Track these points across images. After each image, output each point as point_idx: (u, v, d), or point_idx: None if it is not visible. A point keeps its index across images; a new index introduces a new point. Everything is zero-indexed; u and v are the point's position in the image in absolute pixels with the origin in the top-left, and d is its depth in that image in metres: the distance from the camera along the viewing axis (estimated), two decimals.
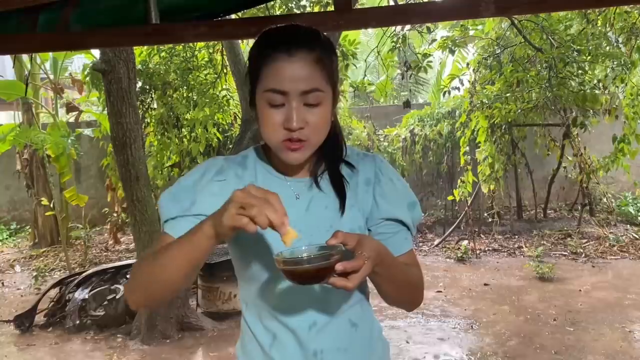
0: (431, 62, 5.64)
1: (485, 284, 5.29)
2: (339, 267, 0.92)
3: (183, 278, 1.03)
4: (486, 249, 6.56)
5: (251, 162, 1.19)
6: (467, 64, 6.78)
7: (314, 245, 1.01)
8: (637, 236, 6.52)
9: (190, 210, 1.10)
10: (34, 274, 6.21)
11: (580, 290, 4.97)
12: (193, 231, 0.99)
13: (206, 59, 6.05)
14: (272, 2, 4.81)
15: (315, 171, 1.17)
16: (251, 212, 0.88)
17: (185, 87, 6.02)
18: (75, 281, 4.89)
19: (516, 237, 6.93)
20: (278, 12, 4.96)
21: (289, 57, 1.02)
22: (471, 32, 6.11)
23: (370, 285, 1.16)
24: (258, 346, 1.16)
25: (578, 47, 5.42)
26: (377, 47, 5.81)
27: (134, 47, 4.57)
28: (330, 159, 1.17)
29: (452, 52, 5.75)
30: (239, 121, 6.42)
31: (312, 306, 1.12)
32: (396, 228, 1.16)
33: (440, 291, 5.13)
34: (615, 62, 5.74)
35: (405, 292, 1.16)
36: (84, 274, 4.96)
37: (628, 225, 7.01)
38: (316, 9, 4.79)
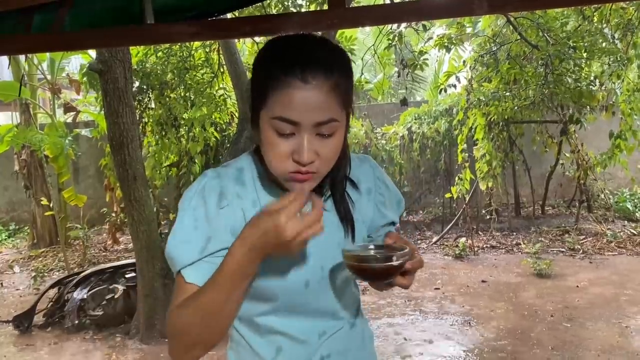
0: (427, 59, 5.64)
1: (483, 281, 5.31)
2: (408, 266, 0.96)
3: (236, 312, 1.01)
4: (484, 246, 6.57)
5: (248, 177, 1.08)
6: (464, 62, 6.78)
7: (368, 244, 1.04)
8: (634, 232, 6.54)
9: (207, 249, 0.99)
10: (33, 274, 6.23)
11: (577, 286, 4.99)
12: (231, 267, 0.92)
13: (203, 59, 6.05)
14: (267, 1, 4.82)
15: (321, 191, 1.09)
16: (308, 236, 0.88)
17: (182, 87, 6.02)
18: (74, 281, 4.89)
19: (514, 234, 6.95)
20: (275, 11, 4.97)
21: (303, 84, 0.90)
22: (468, 30, 6.11)
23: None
24: (257, 358, 1.12)
25: (574, 44, 5.43)
26: (373, 45, 5.82)
27: (130, 47, 4.57)
28: (336, 179, 1.09)
29: (448, 50, 5.76)
30: (236, 120, 6.43)
31: (324, 316, 1.11)
32: (388, 227, 1.20)
33: (438, 288, 5.14)
34: (611, 59, 5.74)
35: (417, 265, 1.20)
36: (83, 274, 4.97)
37: (625, 222, 7.03)
38: (312, 8, 4.80)
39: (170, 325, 1.01)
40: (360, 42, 8.58)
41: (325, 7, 1.85)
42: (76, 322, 4.53)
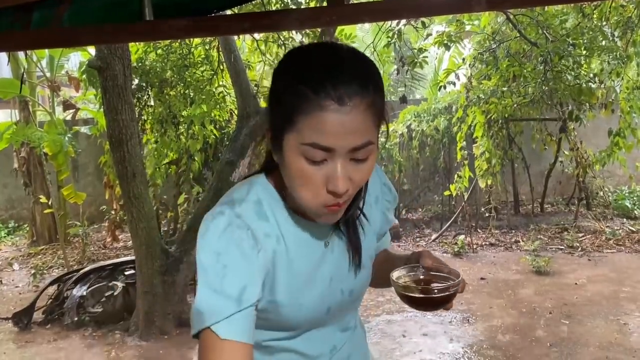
0: (427, 57, 5.64)
1: (482, 278, 5.32)
2: (460, 291, 0.97)
3: None
4: (483, 243, 6.58)
5: (268, 210, 0.96)
6: (463, 59, 6.78)
7: (407, 267, 1.03)
8: (633, 230, 6.55)
9: (244, 300, 0.87)
10: (32, 271, 6.24)
11: (576, 283, 5.00)
12: None
13: (202, 56, 6.04)
14: None
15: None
16: None
17: (182, 84, 6.02)
18: (73, 278, 4.91)
19: (513, 231, 6.96)
20: (274, 8, 4.96)
21: (339, 107, 0.79)
22: (467, 27, 6.11)
23: None
24: None
25: (574, 41, 5.43)
26: (373, 42, 5.82)
27: (130, 44, 4.57)
28: (354, 203, 0.99)
29: (447, 47, 5.76)
30: (235, 117, 6.43)
31: (337, 332, 1.10)
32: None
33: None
34: (611, 56, 5.74)
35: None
36: (82, 271, 4.98)
37: (624, 219, 7.04)
38: (312, 5, 4.80)
39: None
40: (360, 40, 8.57)
41: (325, 3, 1.85)
42: (75, 319, 4.54)
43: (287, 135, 0.84)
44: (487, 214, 7.23)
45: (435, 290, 0.96)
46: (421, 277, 1.00)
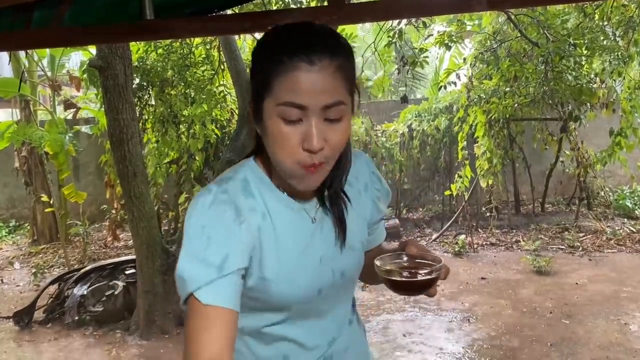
0: (427, 57, 5.64)
1: (483, 278, 5.32)
2: (442, 277, 1.01)
3: None
4: (484, 243, 6.58)
5: (255, 187, 1.00)
6: (464, 59, 6.78)
7: (392, 254, 1.06)
8: (634, 230, 6.54)
9: (224, 268, 0.89)
10: (33, 270, 6.24)
11: (576, 283, 5.00)
12: None
13: (203, 56, 6.05)
14: None
15: (322, 190, 1.04)
16: None
17: (182, 84, 6.02)
18: (74, 277, 4.91)
19: (514, 231, 6.96)
20: (274, 7, 4.96)
21: (309, 66, 0.87)
22: (468, 27, 6.10)
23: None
24: None
25: (575, 41, 5.42)
26: (374, 42, 5.82)
27: (131, 44, 4.57)
28: (337, 179, 1.04)
29: (448, 47, 5.75)
30: (236, 117, 6.43)
31: (334, 322, 1.11)
32: (380, 222, 1.23)
33: (438, 285, 5.14)
34: (612, 56, 5.74)
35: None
36: (83, 270, 4.98)
37: (625, 219, 7.03)
38: (313, 4, 4.80)
39: None
40: (361, 39, 8.58)
41: (325, 3, 1.85)
42: (76, 318, 4.54)
43: (265, 101, 0.91)
44: (487, 214, 7.23)
45: (417, 275, 0.99)
46: (405, 264, 1.03)
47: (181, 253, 0.92)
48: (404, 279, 0.98)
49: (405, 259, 1.05)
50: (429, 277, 0.98)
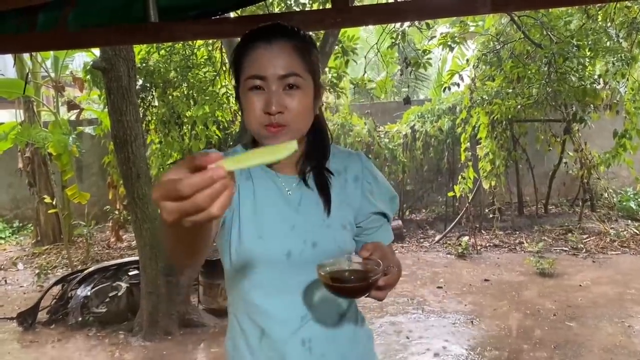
0: (430, 58, 5.63)
1: (486, 280, 5.31)
2: (381, 283, 1.00)
3: (192, 252, 0.95)
4: (487, 244, 6.57)
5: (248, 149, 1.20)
6: (467, 60, 6.77)
7: (344, 258, 1.07)
8: (637, 231, 6.52)
9: None
10: (37, 271, 6.26)
11: (580, 285, 4.98)
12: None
13: (205, 57, 6.05)
14: (270, 0, 4.82)
15: (304, 169, 1.19)
16: (189, 204, 0.65)
17: (185, 85, 6.03)
18: (78, 278, 4.92)
19: (517, 232, 6.94)
20: (277, 10, 4.96)
21: (268, 45, 1.07)
22: (471, 28, 6.10)
23: None
24: (246, 340, 1.19)
25: (578, 43, 5.42)
26: (377, 43, 5.82)
27: (134, 46, 4.58)
28: (316, 157, 1.20)
29: (451, 48, 5.75)
30: (239, 118, 6.44)
31: (305, 300, 1.16)
32: (380, 222, 1.25)
33: (441, 287, 5.15)
34: (615, 57, 5.72)
35: (395, 281, 1.21)
36: (86, 272, 5.00)
37: (629, 221, 7.01)
38: (315, 7, 4.80)
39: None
40: (364, 41, 8.57)
41: (328, 5, 1.85)
42: (80, 319, 4.55)
43: (240, 79, 1.11)
44: (491, 215, 7.22)
45: (350, 281, 1.01)
46: (346, 267, 1.04)
47: None
48: (336, 285, 0.99)
49: (349, 260, 1.07)
50: (362, 284, 0.98)
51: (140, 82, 5.77)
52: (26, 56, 7.25)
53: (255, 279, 1.15)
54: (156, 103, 6.18)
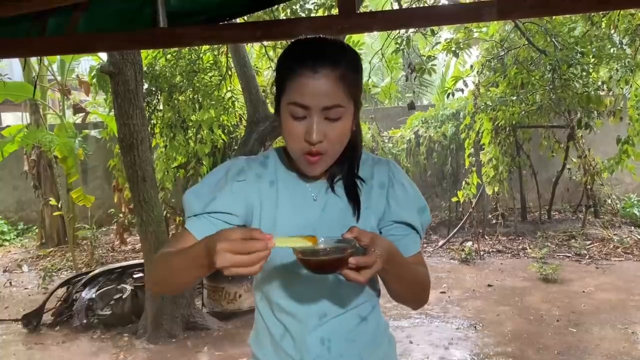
0: (435, 64, 5.66)
1: (489, 285, 5.31)
2: (352, 261, 0.98)
3: (191, 283, 1.14)
4: (490, 250, 6.57)
5: (272, 162, 1.23)
6: (471, 66, 6.79)
7: (331, 238, 1.07)
8: None
9: (209, 206, 1.15)
10: (42, 273, 6.28)
11: (583, 291, 4.98)
12: (194, 252, 1.02)
13: (211, 62, 6.09)
14: (277, 6, 4.85)
15: (333, 176, 1.20)
16: (242, 259, 0.91)
17: (190, 89, 6.07)
18: (82, 281, 4.94)
19: (520, 238, 6.94)
20: (282, 15, 5.00)
21: (313, 74, 1.05)
22: (475, 35, 6.12)
23: (380, 282, 1.22)
24: (270, 337, 1.22)
25: (582, 49, 5.43)
26: (381, 49, 5.84)
27: (141, 50, 4.61)
28: (347, 165, 1.21)
29: (455, 54, 5.77)
30: (244, 122, 6.46)
31: (325, 299, 1.18)
32: (406, 231, 1.21)
33: (444, 292, 5.15)
34: (619, 64, 5.73)
35: (412, 290, 1.22)
36: (91, 274, 5.01)
37: (632, 227, 7.01)
38: (320, 13, 4.83)
39: (154, 260, 1.18)
40: (368, 46, 8.61)
41: (334, 11, 1.87)
42: (84, 321, 4.57)
43: (281, 100, 1.10)
44: (494, 221, 7.22)
45: (318, 255, 1.01)
46: (321, 245, 1.04)
47: (195, 185, 1.23)
48: (305, 258, 1.00)
49: (321, 240, 1.06)
50: (331, 257, 0.99)
51: (145, 86, 5.81)
52: (33, 60, 7.30)
53: (277, 280, 1.19)
54: (161, 107, 6.22)
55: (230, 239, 0.91)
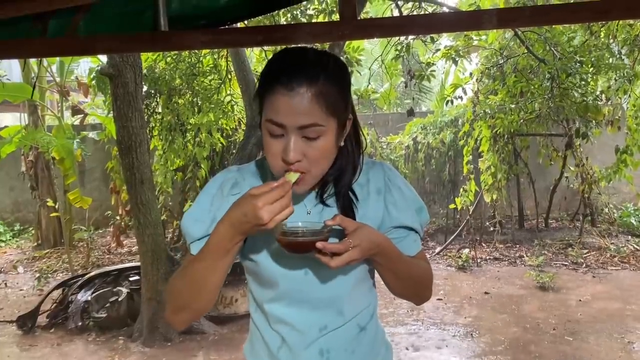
0: (434, 71, 5.68)
1: (486, 293, 5.30)
2: (318, 245, 1.00)
3: (219, 282, 1.10)
4: (487, 257, 6.57)
5: (265, 173, 1.20)
6: (471, 74, 6.81)
7: (315, 223, 1.09)
8: (638, 247, 6.52)
9: (211, 228, 1.09)
10: (37, 275, 6.25)
11: (580, 300, 4.98)
12: (213, 241, 1.03)
13: (211, 65, 6.10)
14: (278, 11, 4.86)
15: (323, 188, 1.17)
16: (282, 203, 0.96)
17: (190, 93, 6.07)
18: (78, 283, 4.92)
19: (517, 246, 6.94)
20: (283, 20, 5.01)
21: (288, 92, 1.00)
22: (475, 42, 6.14)
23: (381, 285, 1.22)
24: (266, 348, 1.20)
25: (581, 59, 5.45)
26: (381, 55, 5.86)
27: (141, 53, 4.61)
28: (343, 180, 1.16)
29: (455, 61, 5.79)
30: (243, 126, 6.47)
31: (326, 310, 1.16)
32: (405, 233, 1.20)
33: (441, 299, 5.14)
34: (618, 74, 5.76)
35: (410, 285, 1.22)
36: (87, 276, 5.00)
37: (629, 236, 7.02)
38: (321, 18, 4.84)
39: (167, 289, 1.15)
40: (368, 52, 8.63)
41: (334, 17, 1.88)
42: (79, 323, 4.55)
43: (262, 116, 1.07)
44: (491, 228, 7.22)
45: (297, 235, 1.04)
46: (300, 227, 1.07)
47: (189, 209, 1.19)
48: (280, 237, 1.03)
49: (300, 223, 1.09)
50: (306, 239, 1.02)
51: (145, 88, 5.81)
52: (33, 61, 7.29)
53: (274, 293, 1.16)
54: (161, 110, 6.22)
55: (259, 195, 0.95)
